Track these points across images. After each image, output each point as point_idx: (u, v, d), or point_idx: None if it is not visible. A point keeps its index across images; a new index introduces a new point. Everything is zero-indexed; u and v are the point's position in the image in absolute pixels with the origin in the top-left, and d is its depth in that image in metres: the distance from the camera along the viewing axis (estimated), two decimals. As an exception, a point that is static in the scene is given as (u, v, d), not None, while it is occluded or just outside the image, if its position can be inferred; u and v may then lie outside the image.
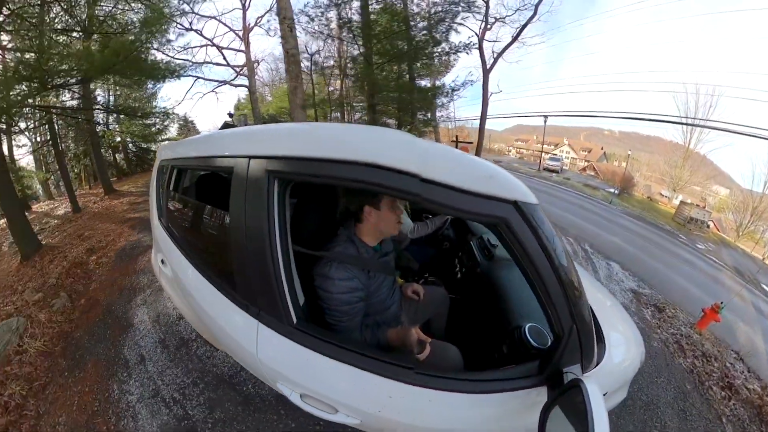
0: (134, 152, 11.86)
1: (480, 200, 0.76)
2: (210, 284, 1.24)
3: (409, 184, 0.77)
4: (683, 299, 4.66)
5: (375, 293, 1.22)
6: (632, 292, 4.23)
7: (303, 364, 0.99)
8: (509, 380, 0.95)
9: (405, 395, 0.91)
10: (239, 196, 1.02)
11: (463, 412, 0.94)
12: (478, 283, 1.79)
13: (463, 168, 0.79)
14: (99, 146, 8.74)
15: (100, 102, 8.79)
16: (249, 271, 1.04)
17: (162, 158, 1.90)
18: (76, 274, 4.09)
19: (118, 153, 11.49)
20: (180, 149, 1.70)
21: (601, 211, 11.64)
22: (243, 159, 1.03)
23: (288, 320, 0.99)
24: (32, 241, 5.09)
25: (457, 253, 2.25)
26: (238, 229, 1.03)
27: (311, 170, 0.89)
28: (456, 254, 2.27)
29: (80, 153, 9.10)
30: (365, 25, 8.70)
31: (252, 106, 14.46)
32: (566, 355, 0.90)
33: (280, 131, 1.12)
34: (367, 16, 8.69)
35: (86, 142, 8.74)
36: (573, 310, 0.86)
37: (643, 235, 9.51)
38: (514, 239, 0.78)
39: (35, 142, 7.95)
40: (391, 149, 0.82)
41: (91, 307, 3.33)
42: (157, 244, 1.79)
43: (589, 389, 0.76)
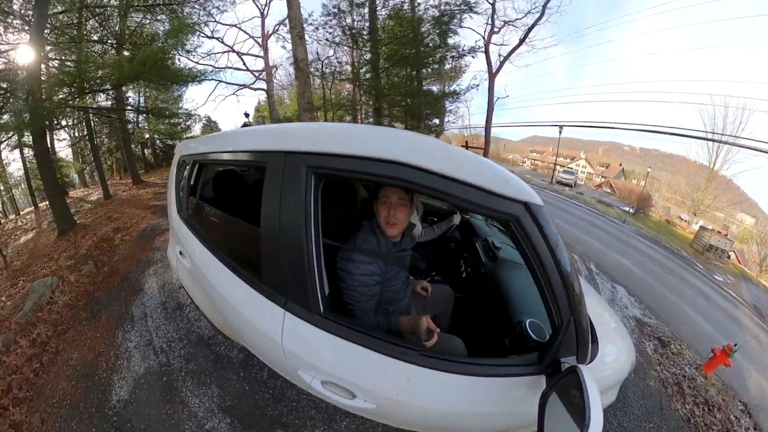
0: (161, 148, 12.86)
1: (497, 199, 0.86)
2: (234, 275, 1.26)
3: (439, 183, 0.86)
4: (692, 335, 4.27)
5: (390, 282, 1.30)
6: (635, 320, 3.88)
7: (329, 351, 1.04)
8: (512, 366, 1.04)
9: (422, 379, 0.98)
10: (274, 190, 1.05)
11: (471, 396, 1.01)
12: (482, 282, 1.86)
13: (485, 171, 0.88)
14: (129, 142, 9.65)
15: (131, 103, 9.70)
16: (280, 262, 1.07)
17: (182, 154, 1.97)
18: (103, 247, 4.72)
19: (147, 148, 12.52)
20: (202, 145, 1.74)
21: (613, 229, 10.88)
22: (279, 154, 1.06)
23: (316, 309, 1.03)
24: (68, 220, 5.83)
25: (463, 254, 2.32)
26: (272, 221, 1.06)
27: (349, 166, 0.95)
28: (461, 255, 2.33)
29: (113, 147, 10.07)
30: (372, 30, 9.06)
31: (270, 108, 15.28)
32: (564, 345, 0.96)
33: (319, 129, 1.18)
34: (374, 22, 9.04)
35: (118, 138, 9.68)
36: (571, 303, 0.93)
37: (655, 259, 8.74)
38: (524, 235, 0.88)
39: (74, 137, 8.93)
40: (423, 150, 0.90)
41: (112, 274, 3.91)
42: (175, 236, 1.82)
43: (585, 374, 0.82)
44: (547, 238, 0.88)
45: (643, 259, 8.02)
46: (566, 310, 0.93)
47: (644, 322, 3.91)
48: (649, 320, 3.98)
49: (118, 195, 8.68)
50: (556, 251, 0.89)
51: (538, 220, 0.87)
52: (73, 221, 5.87)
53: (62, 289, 3.47)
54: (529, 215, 0.87)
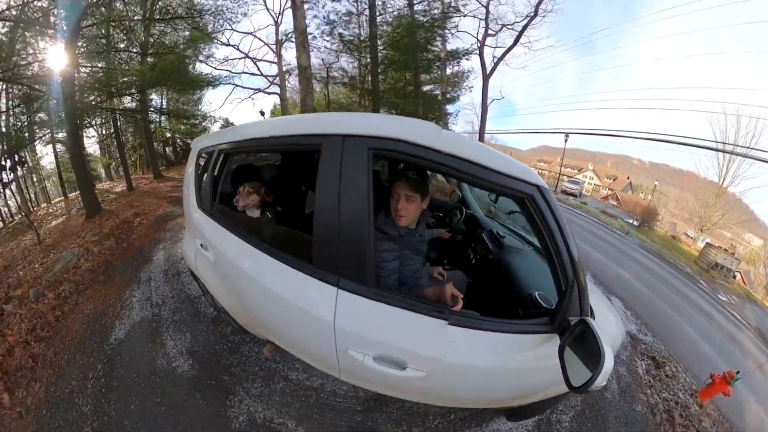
0: (180, 146, 13.81)
1: (518, 182, 1.07)
2: (278, 261, 1.27)
3: (474, 170, 1.05)
4: (691, 356, 4.07)
5: (407, 261, 1.45)
6: (630, 336, 3.58)
7: (384, 321, 1.12)
8: (527, 325, 1.21)
9: (465, 338, 1.12)
10: (332, 172, 1.10)
11: (495, 351, 1.16)
12: (491, 266, 2.03)
13: (508, 162, 1.10)
14: (152, 140, 10.50)
15: (154, 105, 10.58)
16: (337, 241, 1.12)
17: (201, 147, 2.01)
18: (123, 228, 5.36)
19: (168, 146, 13.45)
20: (229, 136, 1.78)
21: (615, 240, 10.72)
22: (336, 137, 1.11)
23: (372, 282, 1.12)
24: (95, 206, 6.56)
25: (470, 244, 2.48)
26: (331, 203, 1.11)
27: (401, 149, 1.05)
28: (469, 245, 2.50)
29: (137, 145, 10.97)
30: (372, 38, 9.47)
31: (282, 111, 16.05)
32: (570, 305, 1.11)
33: (375, 116, 1.29)
34: (373, 30, 9.44)
35: (142, 136, 10.54)
36: (574, 267, 1.10)
37: (657, 273, 8.50)
38: (538, 210, 1.08)
39: (101, 134, 9.84)
40: (467, 146, 1.07)
41: (128, 248, 4.50)
42: (196, 230, 1.80)
43: (592, 323, 0.98)
44: (554, 213, 1.09)
45: (644, 273, 7.72)
46: (570, 273, 1.10)
47: (639, 338, 3.68)
48: (645, 337, 3.77)
49: (139, 187, 9.49)
50: (561, 225, 1.09)
51: (547, 199, 1.09)
52: (99, 207, 6.60)
53: (86, 258, 4.07)
54: (541, 195, 1.09)
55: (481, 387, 1.29)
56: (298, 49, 6.77)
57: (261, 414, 1.97)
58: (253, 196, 1.72)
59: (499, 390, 1.36)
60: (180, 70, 6.66)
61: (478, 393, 1.35)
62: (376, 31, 9.26)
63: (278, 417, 1.97)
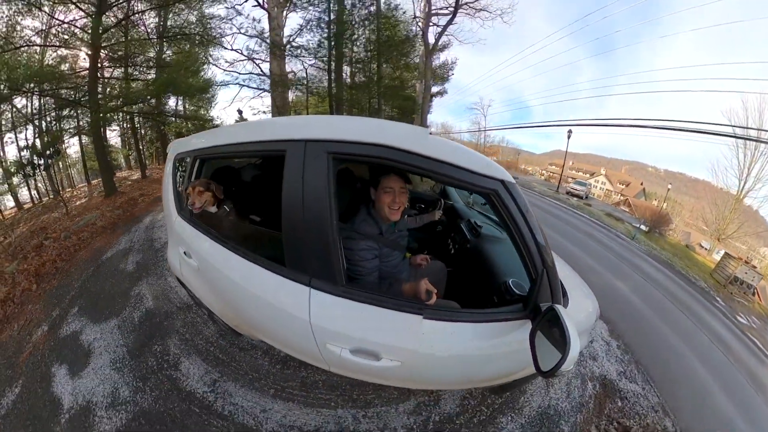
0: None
1: (481, 177, 1.09)
2: (254, 264, 1.31)
3: (432, 165, 1.06)
4: (695, 410, 2.94)
5: (387, 258, 1.49)
6: (601, 383, 2.58)
7: (355, 317, 1.17)
8: (502, 313, 1.25)
9: (434, 329, 1.16)
10: (295, 176, 1.14)
11: (474, 340, 1.22)
12: (469, 255, 2.09)
13: (471, 157, 1.11)
14: (165, 135, 12.39)
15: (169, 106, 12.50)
16: (304, 242, 1.16)
17: (177, 152, 1.99)
18: (130, 203, 7.12)
19: (180, 141, 15.65)
20: (203, 140, 1.75)
21: (617, 246, 9.49)
22: (299, 142, 1.15)
23: (341, 281, 1.16)
24: (112, 189, 8.39)
25: (450, 234, 2.54)
26: (295, 205, 1.15)
27: (361, 152, 1.09)
28: (449, 235, 2.56)
29: (153, 138, 12.98)
30: (338, 45, 10.40)
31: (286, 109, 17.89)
32: (541, 292, 1.17)
33: (336, 120, 1.30)
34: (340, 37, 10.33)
35: (157, 132, 12.46)
36: (543, 258, 1.15)
37: (664, 286, 6.95)
38: (502, 205, 1.12)
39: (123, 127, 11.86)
40: (429, 143, 1.07)
41: (131, 216, 6.20)
42: (177, 237, 1.78)
43: (560, 310, 1.04)
44: (519, 206, 1.13)
45: (647, 286, 6.41)
46: (539, 263, 1.15)
47: (619, 387, 2.62)
48: (629, 385, 2.70)
49: (152, 176, 11.39)
50: (527, 216, 1.13)
51: (512, 193, 1.12)
52: (115, 189, 8.44)
53: (101, 219, 5.80)
54: (506, 189, 1.12)
55: (456, 373, 1.37)
56: (271, 56, 8.11)
57: (156, 285, 3.47)
58: (206, 194, 1.64)
59: (474, 374, 1.42)
60: (177, 81, 8.39)
61: (454, 378, 1.45)
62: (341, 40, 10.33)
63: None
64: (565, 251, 6.41)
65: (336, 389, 2.05)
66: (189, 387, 2.03)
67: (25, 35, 8.00)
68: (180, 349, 2.32)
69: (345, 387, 2.06)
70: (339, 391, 2.04)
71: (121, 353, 2.33)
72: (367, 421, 1.90)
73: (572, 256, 6.25)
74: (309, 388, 2.04)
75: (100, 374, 2.15)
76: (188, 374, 2.11)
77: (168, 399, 1.94)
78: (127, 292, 3.22)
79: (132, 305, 2.95)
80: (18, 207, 9.28)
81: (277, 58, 8.11)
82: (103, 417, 1.84)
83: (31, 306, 3.35)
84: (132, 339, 2.48)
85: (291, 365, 2.17)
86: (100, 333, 2.59)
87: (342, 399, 2.00)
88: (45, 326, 2.85)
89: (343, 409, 1.95)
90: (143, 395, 1.97)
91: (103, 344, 2.44)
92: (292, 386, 2.04)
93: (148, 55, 9.48)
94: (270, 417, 1.86)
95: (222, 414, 1.87)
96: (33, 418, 1.91)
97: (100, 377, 2.13)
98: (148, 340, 2.44)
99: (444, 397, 2.13)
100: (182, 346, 2.35)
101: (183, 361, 2.22)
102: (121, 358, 2.28)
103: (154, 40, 9.77)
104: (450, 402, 2.12)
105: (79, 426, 1.81)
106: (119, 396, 1.97)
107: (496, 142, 37.14)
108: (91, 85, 8.00)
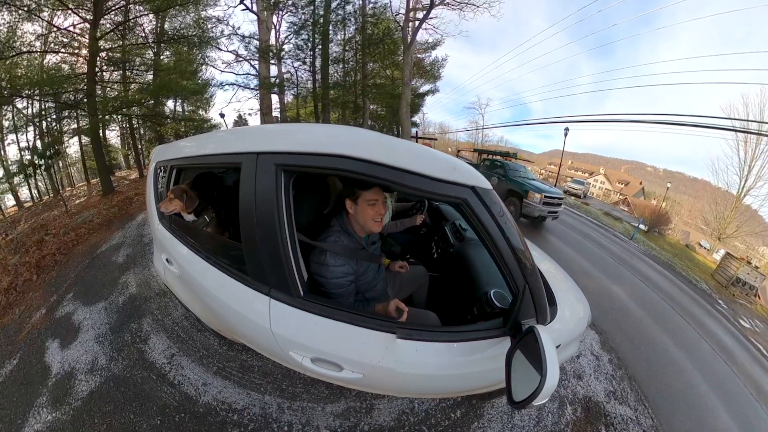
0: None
1: (446, 185, 0.97)
2: (222, 273, 1.33)
3: (391, 174, 0.96)
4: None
5: (363, 275, 1.42)
6: (583, 407, 2.30)
7: (312, 329, 1.14)
8: (480, 331, 1.16)
9: (398, 346, 1.10)
10: (249, 189, 1.13)
11: (445, 359, 1.14)
12: (452, 261, 2.01)
13: (433, 161, 0.98)
14: (162, 136, 12.80)
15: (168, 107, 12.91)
16: (261, 254, 1.15)
17: (158, 160, 1.99)
18: (126, 202, 7.54)
19: (178, 141, 16.03)
20: (178, 150, 1.77)
21: (614, 246, 9.16)
22: (252, 155, 1.14)
23: (296, 293, 1.14)
24: (110, 188, 8.83)
25: (434, 237, 2.47)
26: (250, 217, 1.14)
27: (312, 163, 1.04)
28: (432, 238, 2.48)
29: (152, 139, 13.41)
30: (324, 47, 10.83)
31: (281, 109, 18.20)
32: (523, 309, 1.09)
33: (284, 130, 1.23)
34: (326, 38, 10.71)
35: (154, 132, 12.89)
36: (524, 272, 1.06)
37: (665, 290, 6.61)
38: (474, 215, 1.00)
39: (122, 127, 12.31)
40: (376, 145, 0.99)
41: (126, 213, 6.61)
42: (160, 245, 1.83)
43: (540, 333, 0.94)
44: (495, 217, 1.01)
45: (646, 289, 6.11)
46: (520, 279, 1.06)
47: (604, 411, 2.34)
48: (619, 408, 2.43)
49: (149, 175, 11.84)
50: (505, 228, 1.03)
51: (485, 201, 1.00)
52: (113, 188, 8.88)
53: (98, 216, 6.22)
54: (477, 197, 1.00)
55: (420, 387, 1.30)
56: (259, 60, 8.47)
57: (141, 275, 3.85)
58: (175, 201, 1.65)
59: (442, 389, 1.36)
60: (171, 84, 8.80)
61: (417, 390, 1.40)
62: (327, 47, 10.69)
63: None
64: (558, 252, 6.29)
65: (268, 376, 2.20)
66: (152, 358, 2.37)
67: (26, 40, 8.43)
68: (151, 327, 2.69)
69: (276, 375, 2.20)
70: (270, 378, 2.19)
71: (105, 330, 2.71)
72: (291, 413, 1.98)
73: (566, 258, 6.09)
74: (245, 371, 2.23)
75: (85, 346, 2.52)
76: (154, 348, 2.47)
77: (134, 367, 2.29)
78: (116, 280, 3.60)
79: (118, 291, 3.34)
80: (18, 205, 9.79)
81: (266, 60, 8.44)
82: (82, 380, 2.21)
83: (32, 294, 3.74)
84: (114, 318, 2.85)
85: (235, 347, 2.38)
86: (89, 313, 2.97)
87: (272, 386, 2.13)
88: (43, 310, 3.23)
89: (271, 396, 2.07)
90: (116, 363, 2.33)
91: (91, 323, 2.82)
92: (232, 366, 2.27)
93: (145, 58, 9.90)
94: (208, 391, 2.11)
95: (173, 383, 2.17)
96: (26, 383, 2.27)
97: (84, 348, 2.50)
98: (128, 319, 2.82)
99: (378, 407, 2.04)
100: (153, 325, 2.71)
101: (152, 337, 2.58)
102: (104, 334, 2.66)
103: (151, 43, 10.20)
104: (385, 414, 2.01)
105: (63, 387, 2.18)
106: (97, 363, 2.33)
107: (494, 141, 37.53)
108: (90, 88, 8.42)
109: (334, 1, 10.76)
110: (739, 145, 20.39)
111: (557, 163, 36.73)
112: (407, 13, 11.65)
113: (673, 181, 31.13)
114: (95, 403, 2.04)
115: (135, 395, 2.08)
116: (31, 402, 2.10)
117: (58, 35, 8.81)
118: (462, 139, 36.97)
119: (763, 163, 19.43)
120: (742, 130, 19.24)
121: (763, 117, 19.35)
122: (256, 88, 17.26)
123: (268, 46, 9.67)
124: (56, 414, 1.99)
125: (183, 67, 9.62)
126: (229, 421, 1.92)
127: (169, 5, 9.72)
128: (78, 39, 9.01)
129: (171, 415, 1.94)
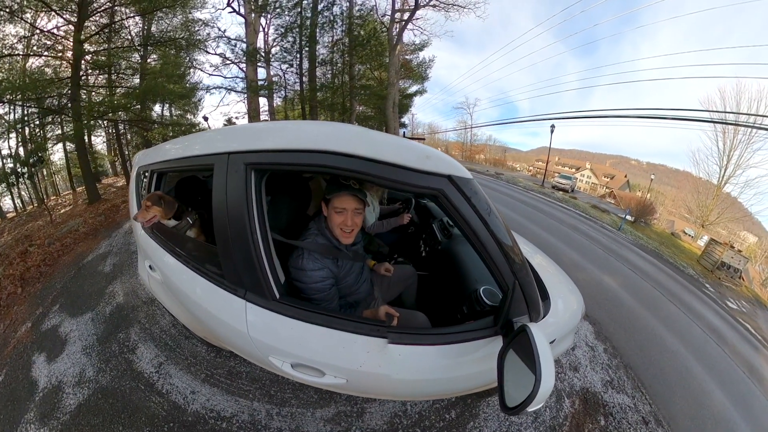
0: (175, 146, 16.17)
1: (419, 175, 0.88)
2: (200, 276, 1.30)
3: (360, 165, 0.89)
4: (692, 411, 2.78)
5: (344, 278, 1.35)
6: (581, 399, 2.32)
7: (289, 334, 1.10)
8: (469, 332, 1.11)
9: (380, 350, 1.05)
10: (221, 189, 1.10)
11: (432, 362, 1.10)
12: (440, 259, 1.96)
13: (404, 150, 0.89)
14: (150, 141, 12.63)
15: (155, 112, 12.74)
16: (234, 255, 1.12)
17: (140, 165, 1.97)
18: (112, 210, 7.44)
19: (165, 146, 15.87)
20: (158, 154, 1.74)
21: (602, 237, 9.20)
22: (223, 155, 1.12)
23: (271, 295, 1.10)
24: (96, 196, 8.70)
25: (421, 236, 2.43)
26: (222, 219, 1.11)
27: (281, 160, 1.00)
28: (420, 236, 2.44)
29: (139, 144, 13.21)
30: (311, 49, 10.92)
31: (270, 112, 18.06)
32: (514, 306, 1.04)
33: (253, 129, 1.19)
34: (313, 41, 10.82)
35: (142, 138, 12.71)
36: (513, 268, 0.99)
37: (654, 278, 6.79)
38: (452, 207, 0.92)
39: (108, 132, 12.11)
40: (344, 137, 0.93)
41: (112, 222, 6.53)
42: (143, 251, 1.81)
43: (533, 331, 0.89)
44: (476, 208, 0.93)
45: (636, 277, 6.24)
46: (509, 275, 1.00)
47: (602, 402, 2.36)
48: (617, 396, 2.46)
49: (137, 181, 11.69)
50: (489, 221, 0.94)
51: (464, 191, 0.91)
52: (99, 196, 8.76)
53: (84, 225, 6.13)
54: (455, 187, 0.91)
55: (409, 390, 1.26)
56: (247, 63, 8.48)
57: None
58: (153, 208, 1.59)
59: (433, 392, 1.31)
60: (157, 88, 8.69)
61: (405, 394, 1.35)
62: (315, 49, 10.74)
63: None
64: (550, 246, 6.34)
65: (257, 382, 2.20)
66: (140, 368, 2.36)
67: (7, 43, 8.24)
68: (139, 336, 2.68)
69: (265, 381, 2.20)
70: (258, 384, 2.18)
71: (92, 341, 2.69)
72: (280, 420, 1.97)
73: (557, 251, 6.10)
74: (234, 377, 2.23)
75: (72, 359, 2.51)
76: (141, 357, 2.47)
77: (122, 378, 2.29)
78: (103, 290, 3.57)
79: (105, 301, 3.31)
80: (1, 216, 9.56)
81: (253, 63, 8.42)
82: (69, 393, 2.20)
83: (17, 308, 3.69)
84: (102, 329, 2.84)
85: (223, 354, 2.38)
86: (76, 325, 2.94)
87: (260, 393, 2.12)
88: (29, 323, 3.19)
89: (260, 402, 2.06)
90: (104, 374, 2.32)
91: (78, 334, 2.80)
92: (220, 373, 2.27)
93: (131, 61, 9.76)
94: (197, 399, 2.11)
95: (161, 392, 2.17)
96: (12, 399, 2.25)
97: (72, 361, 2.48)
98: (115, 329, 2.80)
99: (370, 411, 2.00)
100: (141, 334, 2.71)
101: (140, 347, 2.57)
102: (91, 345, 2.64)
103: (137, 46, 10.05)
104: (377, 417, 1.98)
105: (50, 401, 2.16)
106: (85, 375, 2.32)
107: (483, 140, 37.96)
108: (74, 92, 8.27)
109: (320, 3, 10.84)
110: (717, 136, 21.24)
111: (545, 160, 37.48)
112: (393, 14, 11.79)
113: (657, 173, 32.26)
114: (84, 416, 2.03)
115: (123, 406, 2.08)
116: (17, 419, 2.08)
117: (42, 38, 8.62)
118: (451, 139, 37.30)
119: (741, 152, 20.26)
120: (720, 121, 19.97)
121: (740, 108, 20.11)
122: (244, 91, 17.22)
123: (256, 49, 9.66)
124: (44, 430, 1.98)
125: (170, 71, 9.51)
126: (218, 430, 1.93)
127: (156, 7, 9.61)
128: (62, 42, 8.83)
129: (160, 425, 1.95)
